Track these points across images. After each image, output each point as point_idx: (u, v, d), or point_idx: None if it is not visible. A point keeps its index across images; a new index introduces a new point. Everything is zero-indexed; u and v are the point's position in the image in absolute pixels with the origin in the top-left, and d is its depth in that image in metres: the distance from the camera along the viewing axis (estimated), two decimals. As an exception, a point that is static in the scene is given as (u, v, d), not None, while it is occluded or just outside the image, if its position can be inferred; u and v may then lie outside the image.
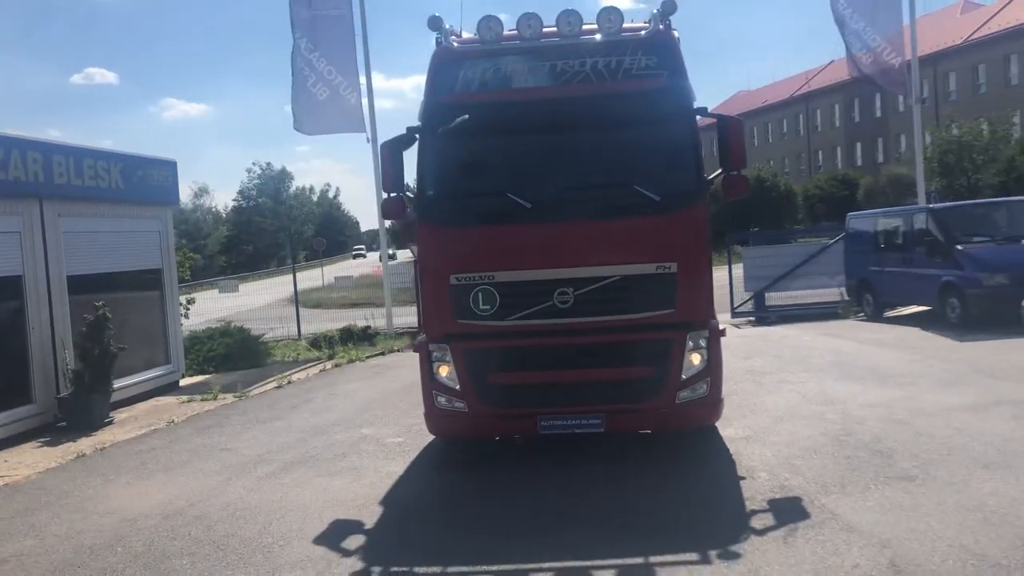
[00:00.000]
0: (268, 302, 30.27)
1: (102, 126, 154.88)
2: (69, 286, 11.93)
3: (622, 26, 7.71)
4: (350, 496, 7.49)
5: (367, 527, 6.70)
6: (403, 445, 9.18)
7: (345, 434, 9.94)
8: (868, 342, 14.58)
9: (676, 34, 7.92)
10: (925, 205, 18.51)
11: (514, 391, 7.62)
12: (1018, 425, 8.30)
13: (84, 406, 11.33)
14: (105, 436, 10.72)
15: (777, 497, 6.70)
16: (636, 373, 7.50)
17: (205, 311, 20.97)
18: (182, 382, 14.72)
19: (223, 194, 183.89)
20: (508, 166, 7.91)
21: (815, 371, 12.12)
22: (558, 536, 6.22)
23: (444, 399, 7.74)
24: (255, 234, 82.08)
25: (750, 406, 9.88)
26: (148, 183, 13.63)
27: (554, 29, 7.73)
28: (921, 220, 16.54)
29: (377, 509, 7.13)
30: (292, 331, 21.85)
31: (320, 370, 15.71)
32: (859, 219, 19.79)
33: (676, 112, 7.63)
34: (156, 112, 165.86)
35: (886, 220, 18.48)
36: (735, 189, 7.72)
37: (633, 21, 8.19)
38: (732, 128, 7.74)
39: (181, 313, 15.77)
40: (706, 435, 8.50)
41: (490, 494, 7.42)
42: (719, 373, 7.67)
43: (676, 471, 7.64)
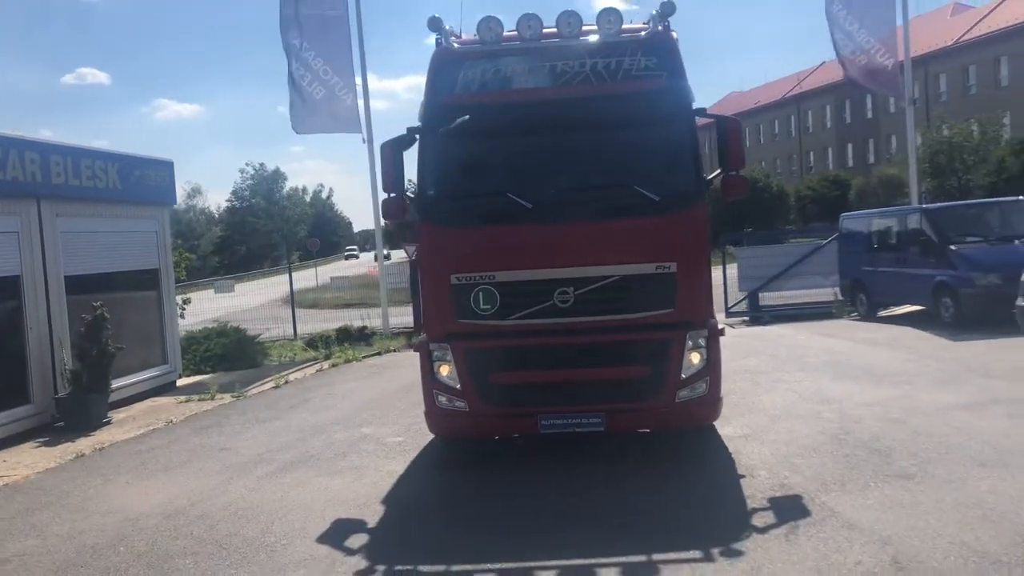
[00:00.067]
0: (262, 302, 30.25)
1: (94, 126, 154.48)
2: (67, 286, 11.92)
3: (621, 27, 7.75)
4: (351, 495, 7.50)
5: (370, 526, 6.72)
6: (403, 444, 9.20)
7: (345, 434, 9.95)
8: (862, 341, 14.66)
9: (675, 35, 7.96)
10: (918, 205, 18.59)
11: (515, 390, 7.65)
12: (1014, 424, 8.37)
13: (82, 406, 11.32)
14: (103, 436, 10.71)
15: (777, 495, 6.74)
16: (636, 372, 7.54)
17: (200, 311, 20.96)
18: (179, 382, 14.71)
19: (216, 195, 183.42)
20: (508, 166, 7.93)
21: (811, 370, 12.19)
22: (558, 536, 6.24)
23: (445, 398, 7.76)
24: (248, 234, 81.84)
25: (747, 405, 9.93)
26: (145, 183, 13.63)
27: (554, 30, 7.77)
28: (915, 220, 16.65)
29: (379, 508, 7.15)
30: (288, 331, 21.87)
31: (317, 370, 15.72)
32: (853, 219, 19.91)
33: (675, 113, 7.67)
34: (148, 112, 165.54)
35: (880, 220, 18.58)
36: (734, 189, 7.78)
37: (632, 22, 8.23)
38: (731, 129, 7.78)
39: (177, 313, 15.74)
40: (705, 434, 8.54)
41: (491, 493, 7.44)
42: (718, 372, 7.72)
43: (676, 470, 7.68)
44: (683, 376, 7.51)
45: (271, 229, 78.73)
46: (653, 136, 7.77)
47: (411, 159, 7.92)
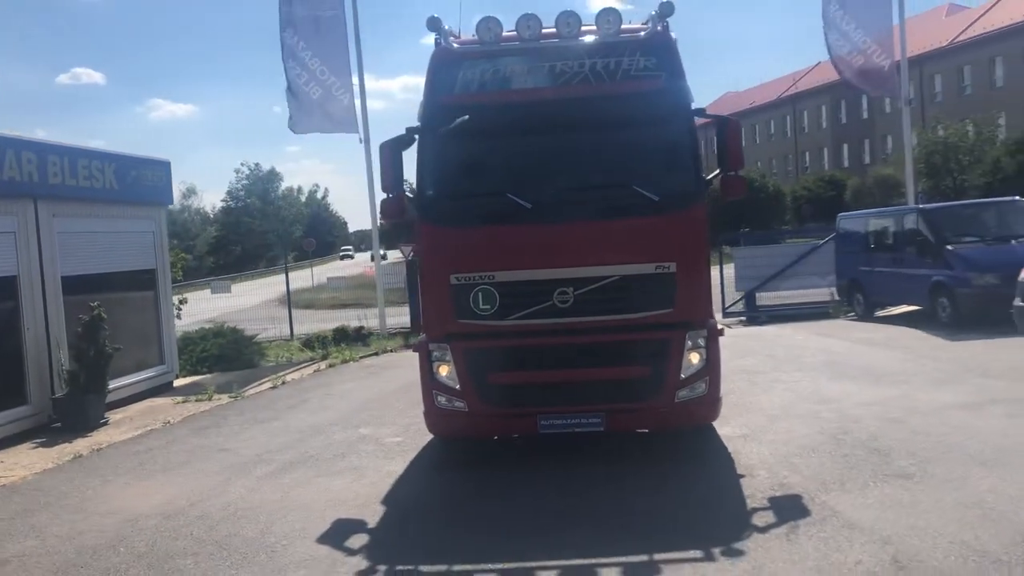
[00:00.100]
0: (257, 303, 30.21)
1: (89, 126, 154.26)
2: (64, 286, 11.88)
3: (621, 27, 7.76)
4: (351, 496, 7.50)
5: (370, 526, 6.71)
6: (402, 445, 9.19)
7: (343, 434, 9.94)
8: (860, 341, 14.69)
9: (674, 35, 7.97)
10: (915, 205, 18.63)
11: (514, 390, 7.65)
12: (1012, 423, 8.39)
13: (79, 407, 11.28)
14: (101, 437, 10.69)
15: (777, 495, 6.75)
16: (636, 372, 7.54)
17: (195, 312, 20.96)
18: (176, 383, 14.67)
19: (211, 195, 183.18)
20: (508, 167, 7.93)
21: (808, 370, 12.21)
22: (558, 536, 6.24)
23: (444, 398, 7.76)
24: (244, 235, 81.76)
25: (745, 405, 9.94)
26: (142, 183, 13.59)
27: (553, 30, 7.76)
28: (911, 220, 16.69)
29: (379, 508, 7.15)
30: (284, 331, 21.85)
31: (314, 370, 15.70)
32: (849, 219, 19.94)
33: (675, 113, 7.68)
34: (143, 112, 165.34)
35: (876, 220, 18.62)
36: (733, 189, 7.80)
37: (632, 22, 8.24)
38: (730, 129, 7.80)
39: (174, 314, 15.71)
40: (704, 434, 8.55)
41: (490, 494, 7.44)
42: (718, 372, 7.73)
43: (675, 470, 7.68)
44: (683, 376, 7.52)
45: (266, 229, 78.65)
46: (652, 136, 7.77)
47: (409, 159, 7.95)
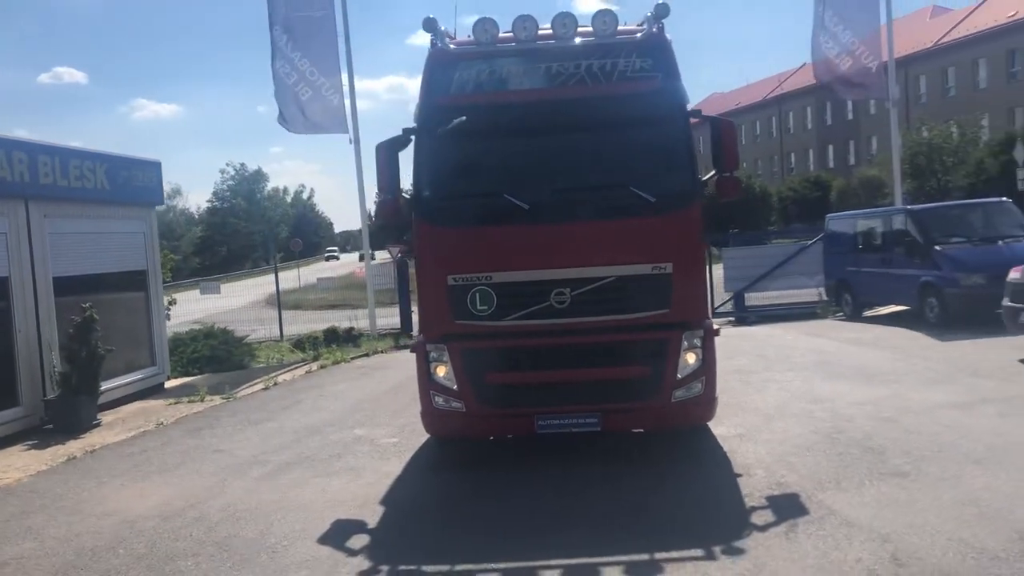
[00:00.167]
0: (245, 303, 30.14)
1: (71, 126, 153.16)
2: (55, 287, 11.82)
3: (616, 29, 7.79)
4: (349, 496, 7.50)
5: (370, 527, 6.72)
6: (398, 445, 9.19)
7: (339, 435, 9.93)
8: (849, 341, 14.79)
9: (669, 37, 8.00)
10: (903, 206, 18.77)
11: (512, 391, 7.66)
12: (1004, 422, 8.48)
13: (71, 408, 11.22)
14: (94, 438, 10.64)
15: (775, 494, 6.79)
16: (632, 372, 7.57)
17: (182, 313, 20.83)
18: (167, 384, 14.62)
19: (195, 195, 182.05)
20: (504, 167, 7.94)
21: (800, 370, 12.28)
22: (555, 536, 6.24)
23: (441, 399, 7.76)
24: (230, 235, 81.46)
25: (739, 405, 9.99)
26: (133, 184, 13.53)
27: (549, 31, 7.79)
28: (900, 221, 16.84)
29: (378, 509, 7.15)
30: (273, 332, 21.77)
31: (306, 371, 15.66)
32: (838, 220, 20.08)
33: (670, 114, 7.72)
34: (126, 112, 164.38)
35: (865, 221, 18.77)
36: (728, 190, 7.84)
37: (627, 23, 8.27)
38: (725, 130, 7.85)
39: (165, 315, 15.65)
40: (699, 433, 8.59)
41: (487, 494, 7.44)
42: (713, 372, 7.76)
43: (672, 470, 7.72)
44: (679, 376, 7.55)
45: (252, 230, 78.40)
46: (648, 137, 7.79)
47: (404, 159, 7.95)
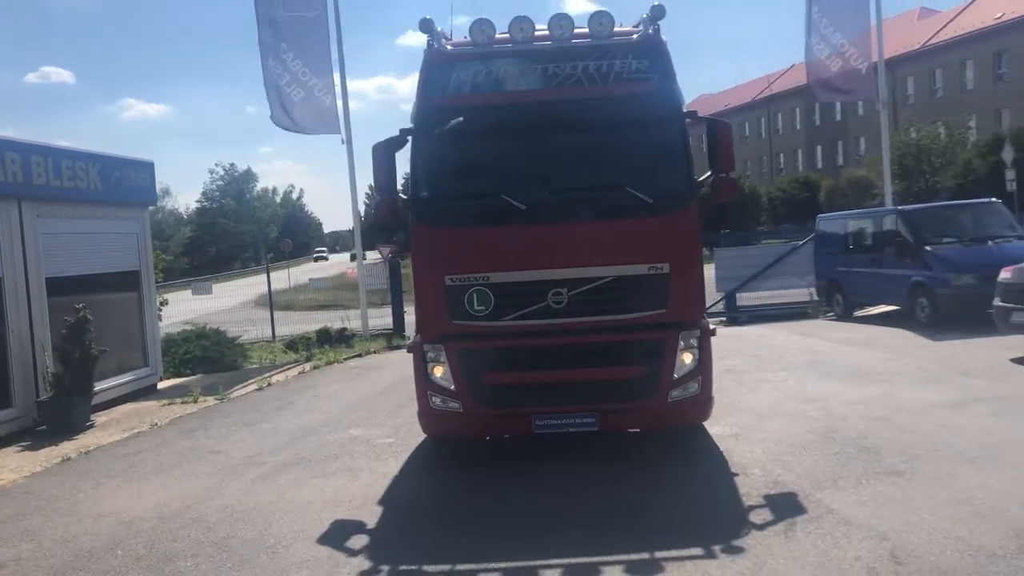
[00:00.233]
0: (235, 304, 30.08)
1: (59, 126, 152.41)
2: (48, 288, 11.76)
3: (613, 30, 7.81)
4: (347, 497, 7.50)
5: (369, 527, 6.72)
6: (394, 446, 9.19)
7: (334, 435, 9.93)
8: (841, 341, 14.86)
9: (664, 38, 8.03)
10: (894, 207, 18.88)
11: (509, 391, 7.68)
12: (997, 421, 8.54)
13: (65, 409, 11.18)
14: (88, 440, 10.60)
15: (772, 493, 6.82)
16: (629, 372, 7.60)
17: (173, 313, 20.82)
18: (159, 385, 14.58)
19: (184, 196, 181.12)
20: (501, 168, 7.96)
21: (793, 370, 12.34)
22: (553, 536, 6.25)
23: (439, 399, 7.77)
24: (219, 235, 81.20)
25: (733, 405, 10.02)
26: (126, 184, 13.49)
27: (546, 32, 7.81)
28: (890, 221, 16.94)
29: (377, 509, 7.15)
30: (264, 333, 21.71)
31: (299, 372, 15.64)
32: (829, 220, 20.18)
33: (667, 115, 7.75)
34: (115, 112, 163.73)
35: (856, 221, 18.87)
36: (724, 191, 7.88)
37: (623, 24, 8.29)
38: (721, 131, 7.88)
39: (157, 315, 15.60)
40: (695, 433, 8.62)
41: (484, 494, 7.44)
42: (710, 372, 7.80)
43: (669, 469, 7.75)
44: (676, 376, 7.58)
45: (242, 230, 78.16)
46: (645, 138, 7.82)
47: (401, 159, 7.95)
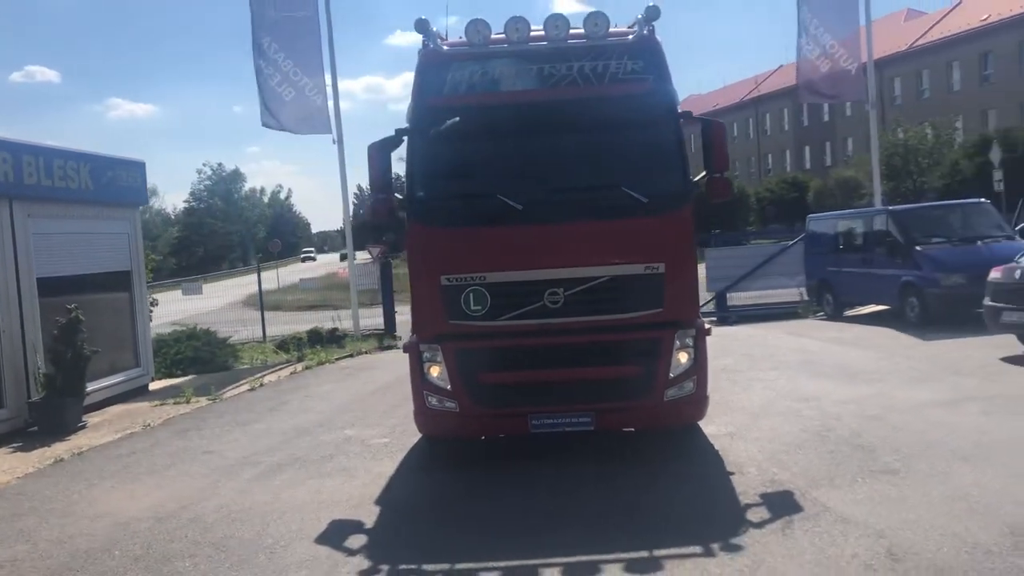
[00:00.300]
0: (224, 304, 29.94)
1: (44, 126, 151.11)
2: (39, 288, 11.68)
3: (608, 30, 7.83)
4: (344, 497, 7.49)
5: (367, 527, 6.72)
6: (389, 446, 9.19)
7: (329, 436, 9.91)
8: (832, 340, 14.94)
9: (659, 39, 8.06)
10: (883, 207, 18.99)
11: (505, 390, 7.68)
12: (988, 420, 8.61)
13: (57, 410, 11.12)
14: (81, 440, 10.54)
15: (769, 491, 6.86)
16: (625, 372, 7.62)
17: (163, 314, 20.69)
18: (151, 386, 14.51)
19: (171, 196, 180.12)
20: (497, 168, 7.96)
21: (785, 369, 12.40)
22: (550, 536, 6.25)
23: (435, 399, 7.76)
24: (207, 236, 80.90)
25: (727, 404, 10.05)
26: (117, 184, 13.43)
27: (541, 33, 7.83)
28: (880, 222, 17.04)
29: (374, 509, 7.15)
30: (255, 333, 21.62)
31: (291, 373, 15.61)
32: (819, 221, 20.30)
33: (662, 115, 7.76)
34: (101, 112, 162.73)
35: (846, 222, 18.99)
36: (719, 191, 7.91)
37: (618, 25, 8.31)
38: (715, 131, 7.90)
39: (149, 316, 15.55)
40: (690, 432, 8.65)
41: (481, 494, 7.44)
42: (705, 371, 7.82)
43: (665, 468, 7.77)
44: (671, 375, 7.60)
45: (230, 230, 77.88)
46: (640, 138, 7.83)
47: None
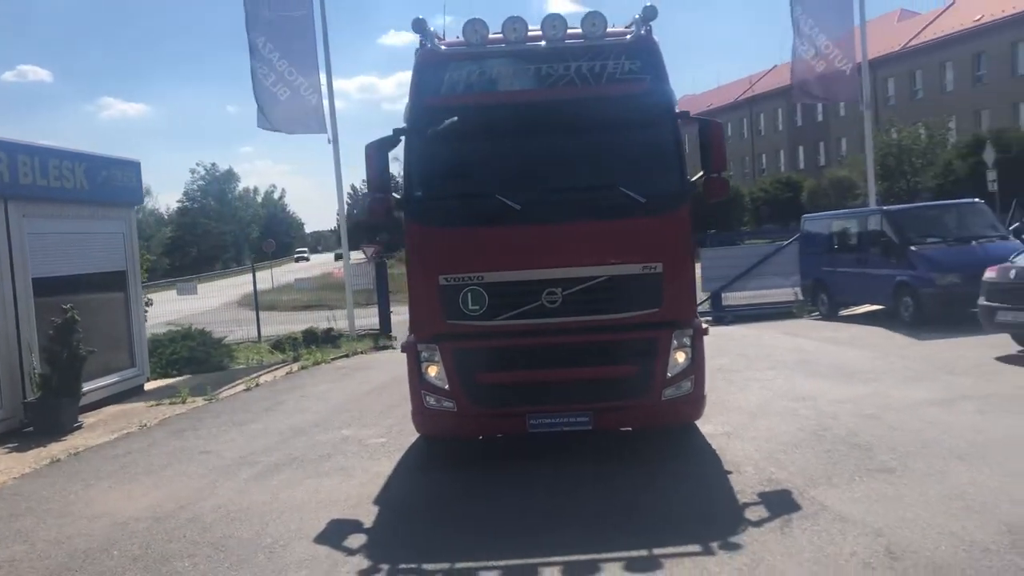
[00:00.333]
0: (218, 304, 29.85)
1: (36, 125, 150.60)
2: (34, 288, 11.65)
3: (605, 31, 7.85)
4: (342, 496, 7.49)
5: (366, 526, 6.72)
6: (387, 446, 9.19)
7: (326, 436, 9.90)
8: (827, 340, 14.98)
9: (657, 39, 8.07)
10: (878, 207, 19.04)
11: (504, 390, 7.69)
12: (984, 419, 8.64)
13: (52, 411, 11.09)
14: (77, 441, 10.52)
15: (766, 490, 6.88)
16: (623, 371, 7.63)
17: (157, 314, 20.60)
18: (146, 386, 14.48)
19: (164, 196, 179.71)
20: (495, 168, 7.97)
21: (781, 368, 12.43)
22: (547, 536, 6.26)
23: (433, 399, 7.77)
24: (200, 236, 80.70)
25: (724, 403, 10.08)
26: (112, 184, 13.40)
27: (539, 33, 7.83)
28: (875, 222, 17.10)
29: (373, 508, 7.15)
30: (250, 333, 21.55)
31: (287, 373, 15.60)
32: (813, 221, 20.36)
33: (660, 115, 7.77)
34: (93, 111, 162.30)
35: (840, 222, 19.04)
36: (716, 191, 7.93)
37: (614, 25, 8.32)
38: (713, 131, 7.93)
39: (144, 316, 15.50)
40: (688, 432, 8.68)
41: (478, 494, 7.44)
42: (703, 371, 7.85)
43: (663, 468, 7.78)
44: (669, 375, 7.62)
45: (224, 230, 77.70)
46: (638, 138, 7.84)
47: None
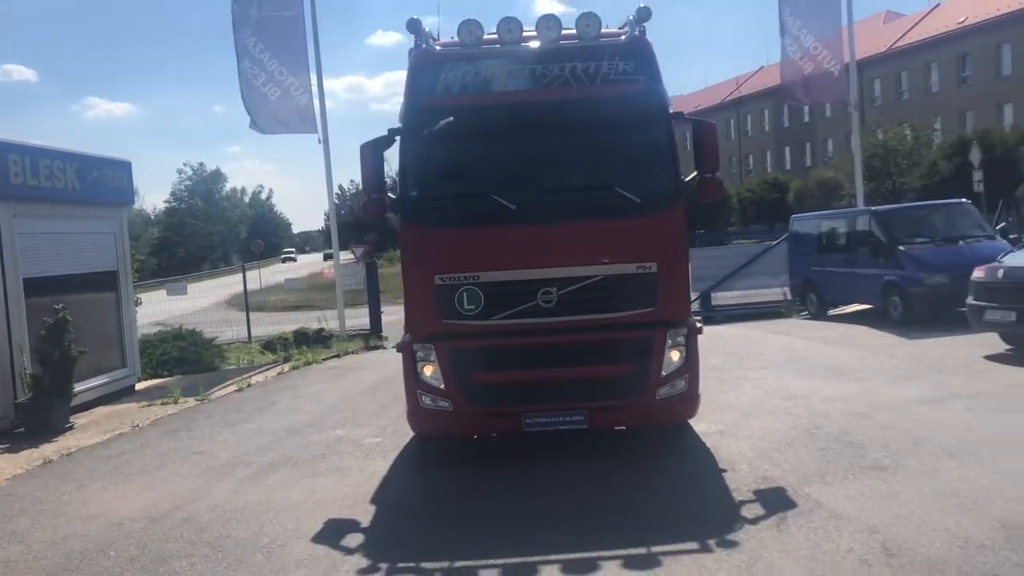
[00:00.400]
0: (207, 305, 29.68)
1: (21, 125, 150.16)
2: (25, 289, 11.59)
3: (600, 31, 7.88)
4: (339, 496, 7.49)
5: (363, 526, 6.73)
6: (382, 445, 9.20)
7: (320, 436, 9.90)
8: (817, 339, 15.07)
9: (651, 40, 8.12)
10: (867, 207, 19.16)
11: (499, 390, 7.71)
12: (974, 417, 8.73)
13: (44, 411, 11.04)
14: (69, 441, 10.48)
15: (761, 488, 6.93)
16: (618, 370, 7.66)
17: (146, 314, 20.52)
18: (137, 386, 14.44)
19: (152, 196, 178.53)
20: (490, 168, 8.00)
21: (772, 368, 12.51)
22: (542, 535, 6.27)
23: (428, 398, 7.79)
24: (188, 236, 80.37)
25: (717, 402, 10.12)
26: (103, 184, 13.35)
27: (533, 33, 7.87)
28: (864, 222, 17.21)
29: (369, 508, 7.16)
30: (240, 334, 21.50)
31: (278, 373, 15.57)
32: (802, 221, 20.46)
33: (654, 116, 7.82)
34: (78, 111, 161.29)
35: (829, 222, 19.15)
36: (710, 191, 7.98)
37: (608, 26, 8.36)
38: (707, 132, 7.97)
39: (135, 316, 15.45)
40: (682, 430, 8.72)
41: (474, 493, 7.45)
42: (697, 370, 7.89)
43: (658, 466, 7.82)
44: (663, 374, 7.66)
45: (211, 231, 77.42)
46: (632, 139, 7.89)
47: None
